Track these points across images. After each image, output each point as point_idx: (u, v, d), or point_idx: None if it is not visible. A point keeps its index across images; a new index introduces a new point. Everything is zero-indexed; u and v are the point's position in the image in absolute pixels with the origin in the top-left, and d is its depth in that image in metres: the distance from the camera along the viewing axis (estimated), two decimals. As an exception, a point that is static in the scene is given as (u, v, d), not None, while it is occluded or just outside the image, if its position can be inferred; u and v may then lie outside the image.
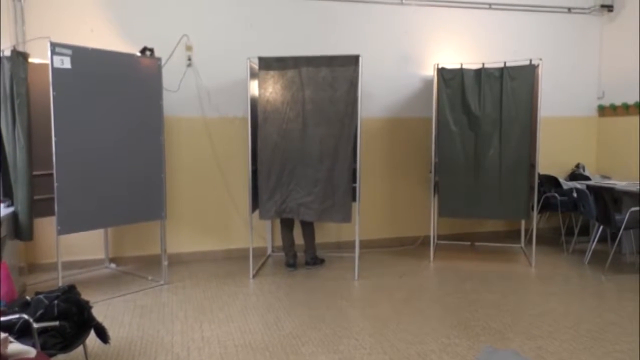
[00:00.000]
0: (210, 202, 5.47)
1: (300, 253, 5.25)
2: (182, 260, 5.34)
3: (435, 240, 5.83)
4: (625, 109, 6.20)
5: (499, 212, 5.19)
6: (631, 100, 6.11)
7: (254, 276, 4.87)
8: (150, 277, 4.76)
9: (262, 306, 4.10)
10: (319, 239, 5.48)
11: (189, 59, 5.26)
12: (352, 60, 4.65)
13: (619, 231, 4.86)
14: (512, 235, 6.10)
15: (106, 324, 2.97)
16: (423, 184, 5.84)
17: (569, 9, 6.34)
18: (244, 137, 4.94)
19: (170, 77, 5.05)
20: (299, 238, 5.25)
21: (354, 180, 4.78)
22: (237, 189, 5.46)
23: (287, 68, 4.75)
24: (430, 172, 5.43)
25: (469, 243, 6.04)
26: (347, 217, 4.76)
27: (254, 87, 4.90)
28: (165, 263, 4.70)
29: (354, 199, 4.81)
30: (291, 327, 3.65)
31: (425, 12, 5.89)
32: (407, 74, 5.89)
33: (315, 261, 5.21)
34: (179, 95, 5.21)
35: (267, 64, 4.78)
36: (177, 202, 5.31)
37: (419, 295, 4.36)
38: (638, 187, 5.29)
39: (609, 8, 6.34)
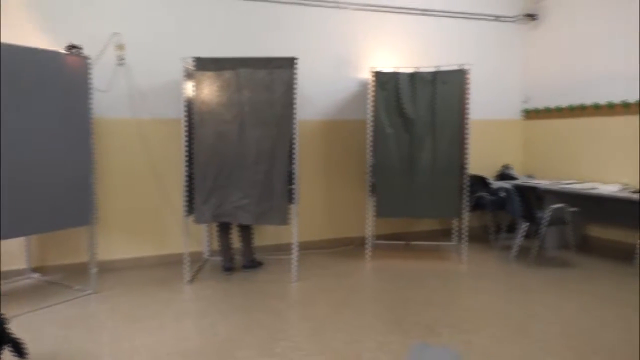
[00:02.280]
0: (145, 207, 5.29)
1: (238, 257, 5.17)
2: (114, 267, 5.13)
3: (373, 240, 5.93)
4: (548, 113, 6.57)
5: (432, 211, 5.35)
6: (553, 104, 6.49)
7: (189, 281, 4.75)
8: (77, 287, 4.53)
9: (197, 312, 4.01)
10: (258, 241, 5.44)
11: (120, 58, 5.06)
12: (289, 63, 4.65)
13: (541, 227, 5.14)
14: (446, 234, 6.31)
15: (28, 337, 2.80)
16: (360, 185, 5.92)
17: (496, 17, 6.65)
18: (179, 139, 4.81)
19: (101, 76, 4.85)
20: (237, 241, 5.18)
21: (291, 183, 4.78)
22: (172, 192, 5.31)
23: (223, 69, 4.68)
24: (367, 173, 5.52)
25: (404, 242, 6.18)
26: (284, 220, 4.74)
27: (189, 88, 4.78)
28: (95, 271, 4.49)
29: (291, 201, 4.80)
30: (227, 332, 3.59)
31: (361, 16, 5.99)
32: (343, 77, 5.96)
33: (253, 264, 5.16)
34: (110, 96, 5.00)
35: (203, 64, 4.69)
36: (109, 206, 5.09)
37: (356, 294, 4.42)
38: (559, 186, 5.63)
39: (533, 17, 6.70)
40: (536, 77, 6.76)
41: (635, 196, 4.82)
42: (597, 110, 5.92)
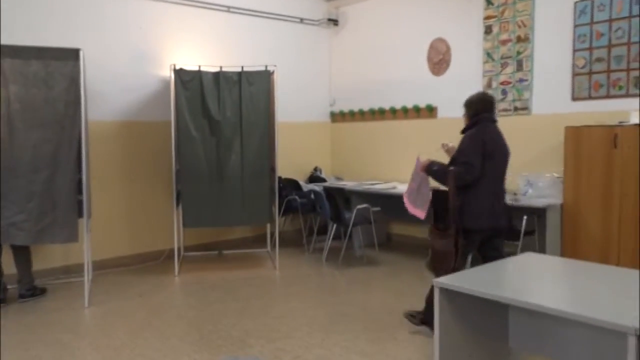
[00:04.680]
0: None
1: (13, 285, 4.52)
2: None
3: (182, 252, 5.77)
4: (352, 116, 7.13)
5: (243, 218, 5.37)
6: (356, 107, 7.06)
7: (-57, 322, 3.98)
8: None
9: (-48, 359, 3.37)
10: (41, 264, 4.87)
11: None
12: (72, 54, 4.26)
13: (348, 228, 5.54)
14: (260, 240, 6.41)
15: None
16: (166, 194, 5.69)
17: (301, 20, 7.00)
18: None
19: None
20: (11, 266, 4.52)
21: (81, 193, 4.36)
22: None
23: (-18, 58, 4.07)
24: (172, 179, 5.32)
25: (217, 252, 6.11)
26: (72, 236, 4.32)
27: None
28: None
29: (81, 214, 4.38)
30: (-7, 379, 3.09)
31: (160, 8, 5.75)
32: (143, 74, 5.68)
33: (33, 292, 4.55)
34: None
35: (-47, 51, 4.00)
36: None
37: (160, 314, 4.19)
38: (364, 186, 6.13)
39: (335, 22, 7.21)
40: (340, 81, 7.29)
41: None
42: (393, 114, 6.60)
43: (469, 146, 3.35)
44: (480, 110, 3.47)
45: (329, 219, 5.85)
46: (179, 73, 5.20)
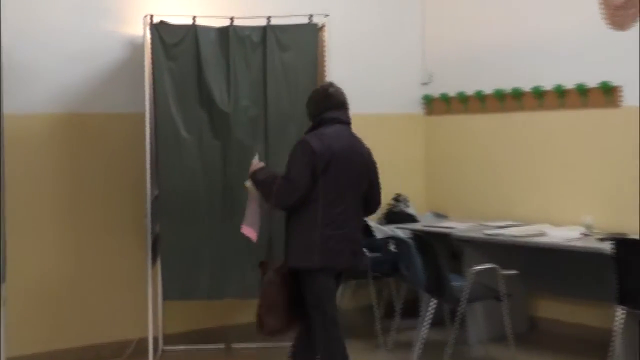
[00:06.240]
0: None
1: None
2: None
3: (161, 345, 5.82)
4: (461, 103, 7.00)
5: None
6: (470, 88, 6.96)
7: None
8: None
9: None
10: None
11: None
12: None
13: (458, 305, 5.36)
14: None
15: None
16: (134, 240, 5.74)
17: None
18: None
19: None
20: None
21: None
22: None
23: None
24: (146, 216, 5.36)
25: (222, 346, 6.09)
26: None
27: None
28: None
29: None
30: None
31: None
32: (96, 33, 5.82)
33: None
34: None
35: None
36: None
37: None
38: (485, 231, 5.95)
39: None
40: (442, 42, 7.27)
41: (606, 246, 5.21)
42: (539, 99, 6.43)
43: (295, 157, 4.23)
44: (321, 109, 4.34)
45: (422, 289, 5.73)
46: (160, 31, 5.31)
